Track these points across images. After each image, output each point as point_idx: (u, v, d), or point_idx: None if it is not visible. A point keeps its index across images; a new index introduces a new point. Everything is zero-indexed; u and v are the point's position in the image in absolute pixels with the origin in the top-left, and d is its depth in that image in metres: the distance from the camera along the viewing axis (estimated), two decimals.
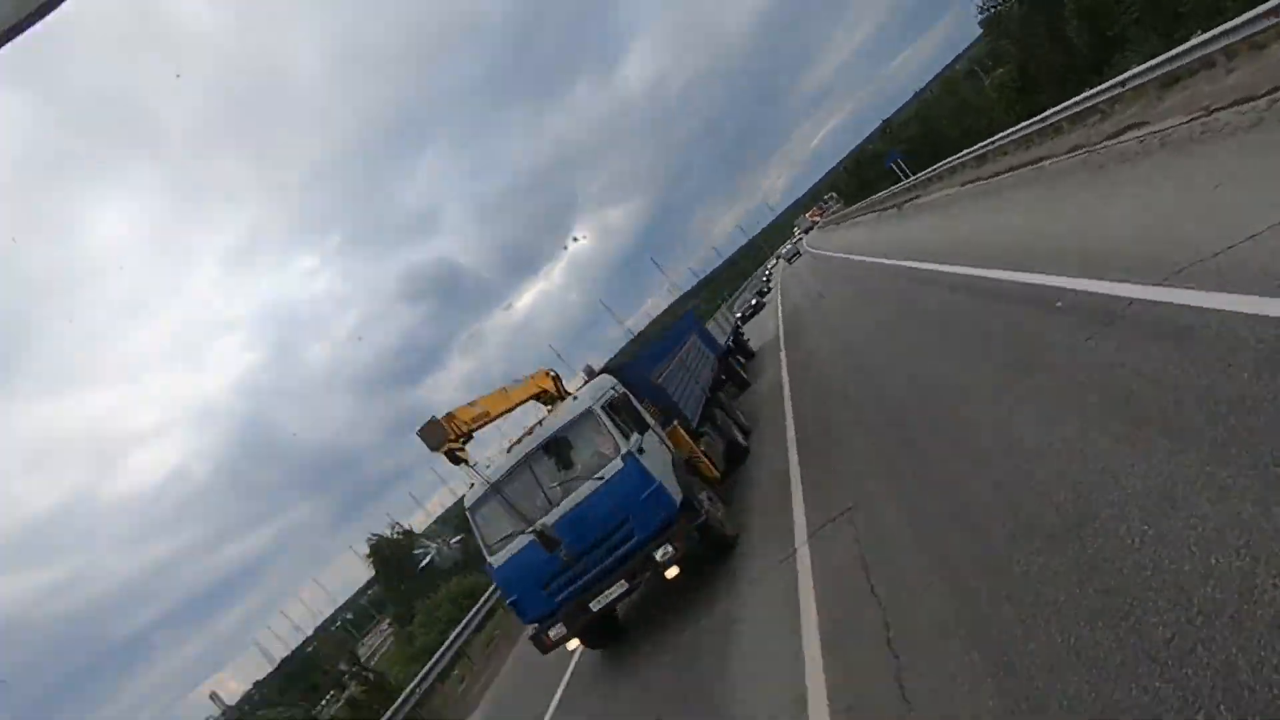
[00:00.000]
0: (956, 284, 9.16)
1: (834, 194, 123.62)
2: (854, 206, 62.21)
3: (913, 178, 33.54)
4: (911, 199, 30.94)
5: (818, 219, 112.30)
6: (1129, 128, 10.80)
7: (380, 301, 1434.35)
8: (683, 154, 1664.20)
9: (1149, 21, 18.95)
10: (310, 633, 63.40)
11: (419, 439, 6.33)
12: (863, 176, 56.59)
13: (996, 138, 19.93)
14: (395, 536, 37.75)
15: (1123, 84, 11.95)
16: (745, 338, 21.85)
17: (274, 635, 66.36)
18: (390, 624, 42.79)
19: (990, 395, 5.38)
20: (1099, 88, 13.07)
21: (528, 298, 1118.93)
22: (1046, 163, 14.07)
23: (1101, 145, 11.45)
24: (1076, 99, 13.90)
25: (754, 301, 44.66)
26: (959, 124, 32.96)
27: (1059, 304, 5.74)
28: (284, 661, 56.01)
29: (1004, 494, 4.10)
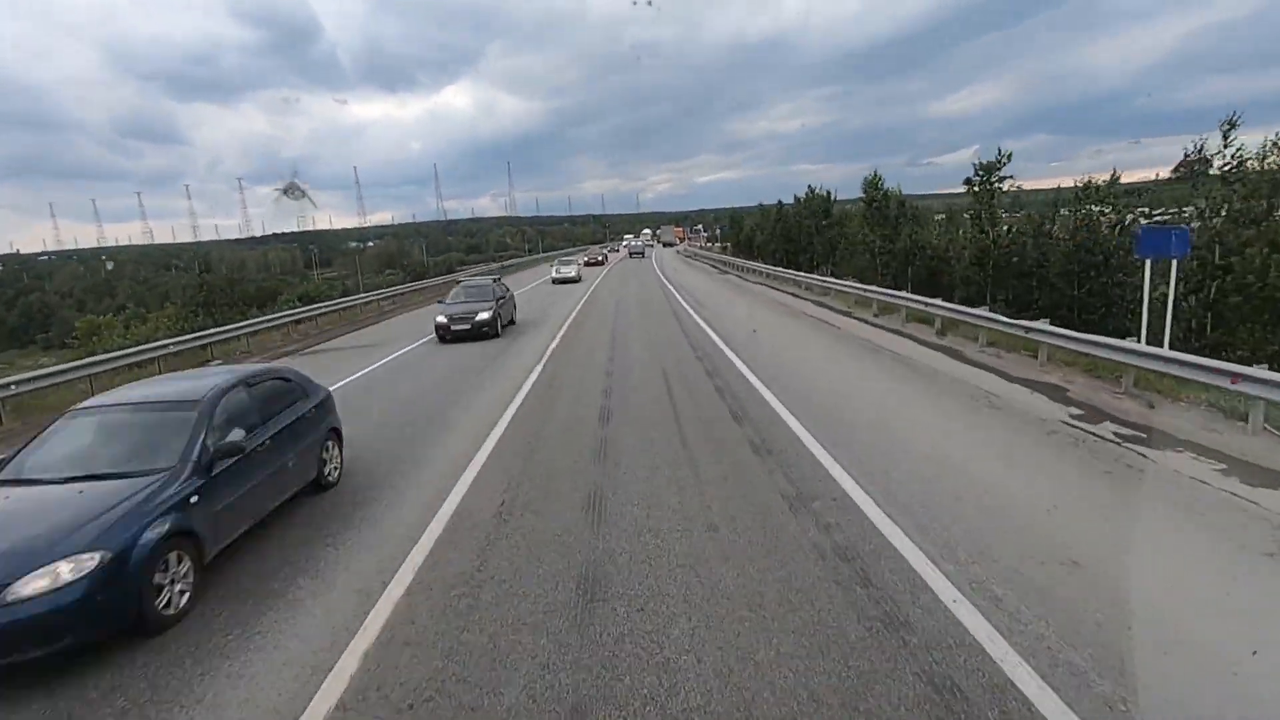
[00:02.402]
0: None
1: (703, 228, 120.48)
2: (768, 266, 38.06)
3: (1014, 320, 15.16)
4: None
5: (678, 241, 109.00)
6: None
7: None
8: (602, 100, 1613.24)
9: None
10: None
11: None
12: (807, 235, 36.24)
13: None
14: None
15: None
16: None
17: None
18: None
19: None
20: None
21: (368, 109, 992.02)
22: None
23: None
24: None
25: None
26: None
27: None
28: None
29: None
